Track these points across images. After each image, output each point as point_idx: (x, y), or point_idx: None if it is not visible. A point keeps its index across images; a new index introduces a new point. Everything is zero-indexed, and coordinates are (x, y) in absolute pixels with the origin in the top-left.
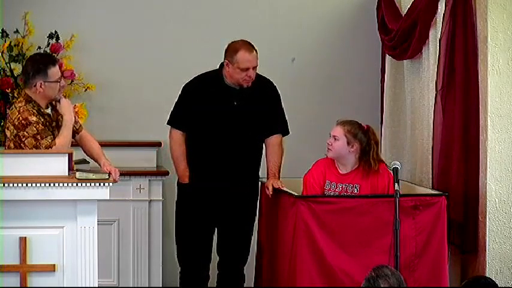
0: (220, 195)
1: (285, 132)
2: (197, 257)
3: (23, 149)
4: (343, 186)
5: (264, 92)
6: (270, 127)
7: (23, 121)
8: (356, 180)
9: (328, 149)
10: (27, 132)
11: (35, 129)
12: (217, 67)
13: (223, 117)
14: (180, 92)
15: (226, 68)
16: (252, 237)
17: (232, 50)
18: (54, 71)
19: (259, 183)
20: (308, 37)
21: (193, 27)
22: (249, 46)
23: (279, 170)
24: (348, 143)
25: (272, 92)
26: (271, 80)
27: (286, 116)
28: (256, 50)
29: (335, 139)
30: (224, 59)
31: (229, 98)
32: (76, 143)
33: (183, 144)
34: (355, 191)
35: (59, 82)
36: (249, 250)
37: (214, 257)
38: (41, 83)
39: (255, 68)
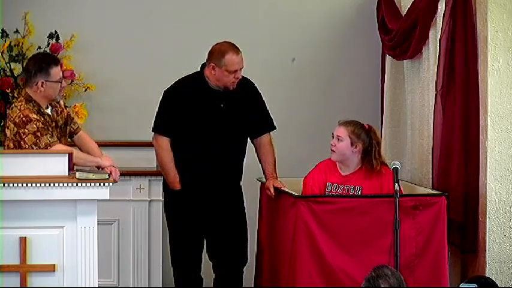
0: (210, 198)
1: (272, 128)
2: (190, 261)
3: (23, 146)
4: (345, 187)
5: (246, 92)
6: (258, 127)
7: (23, 118)
8: (358, 181)
9: (332, 150)
10: (27, 129)
11: (35, 126)
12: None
13: (211, 120)
14: (161, 98)
15: (211, 71)
16: (250, 237)
17: (218, 53)
18: (56, 71)
19: (259, 183)
20: (308, 37)
21: (193, 27)
22: (235, 48)
23: (276, 169)
24: (352, 144)
25: (253, 90)
26: (248, 78)
27: (286, 117)
28: (240, 51)
29: (339, 140)
30: (209, 62)
31: (216, 101)
32: (74, 144)
33: (170, 150)
34: (357, 193)
35: (60, 83)
36: (247, 249)
37: (206, 260)
38: (42, 82)
39: (241, 69)
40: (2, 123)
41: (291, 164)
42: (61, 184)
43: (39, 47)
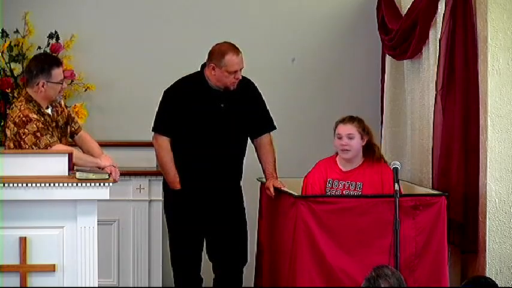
0: (209, 198)
1: (272, 128)
2: (190, 261)
3: (23, 146)
4: (346, 183)
5: (246, 92)
6: (258, 127)
7: (23, 118)
8: (359, 177)
9: (346, 150)
10: (27, 129)
11: (35, 126)
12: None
13: (211, 120)
14: (162, 98)
15: (212, 71)
16: (250, 237)
17: (218, 53)
18: (57, 72)
19: (259, 183)
20: (308, 37)
21: (193, 27)
22: (235, 48)
23: (276, 169)
24: (361, 138)
25: (254, 91)
26: (249, 78)
27: (286, 117)
28: (241, 52)
29: (350, 138)
30: (209, 62)
31: (216, 101)
32: (75, 143)
33: (170, 150)
34: (358, 189)
35: (61, 84)
36: (247, 249)
37: (206, 260)
38: (43, 83)
39: (241, 69)
40: (2, 123)
41: (291, 164)
42: (61, 184)
43: (39, 47)
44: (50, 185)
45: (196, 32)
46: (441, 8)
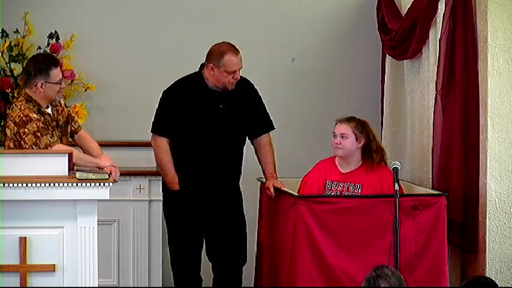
0: (208, 198)
1: (271, 128)
2: (189, 262)
3: (23, 146)
4: (345, 185)
5: (245, 93)
6: (258, 127)
7: (23, 118)
8: (358, 179)
9: (338, 148)
10: (27, 129)
11: (35, 126)
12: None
13: (210, 120)
14: (161, 98)
15: (210, 71)
16: (250, 237)
17: (217, 53)
18: (55, 72)
19: (259, 183)
20: (308, 37)
21: (193, 27)
22: (234, 49)
23: (275, 169)
24: (357, 139)
25: (253, 91)
26: (247, 79)
27: (286, 117)
28: (240, 52)
29: (343, 137)
30: (207, 63)
31: (215, 101)
32: (75, 143)
33: (169, 151)
34: (357, 190)
35: (60, 84)
36: (246, 248)
37: (206, 260)
38: (41, 83)
39: (240, 70)
40: (2, 123)
41: (291, 164)
42: (61, 184)
43: (39, 47)
44: (50, 185)
45: (196, 32)
46: (441, 8)
